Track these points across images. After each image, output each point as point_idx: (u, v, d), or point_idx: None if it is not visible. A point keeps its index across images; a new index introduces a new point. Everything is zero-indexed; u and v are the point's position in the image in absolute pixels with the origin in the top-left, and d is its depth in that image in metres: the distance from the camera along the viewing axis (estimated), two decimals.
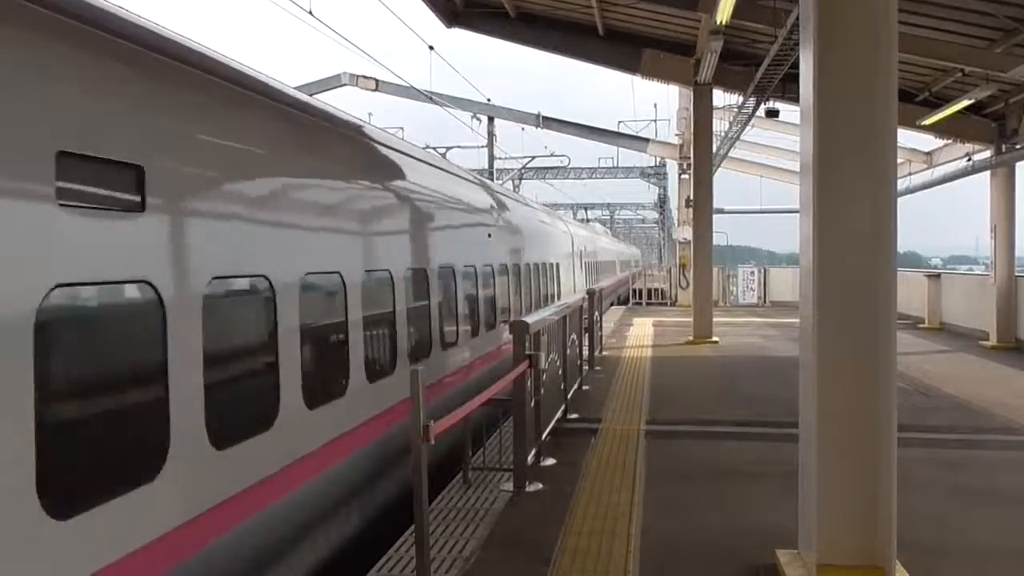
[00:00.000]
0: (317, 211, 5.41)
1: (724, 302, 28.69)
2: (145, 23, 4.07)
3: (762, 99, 17.15)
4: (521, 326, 6.96)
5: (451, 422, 4.91)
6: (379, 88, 29.78)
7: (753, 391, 11.23)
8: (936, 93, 15.68)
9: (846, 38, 4.66)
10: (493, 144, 31.65)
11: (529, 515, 6.00)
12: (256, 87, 5.00)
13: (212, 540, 3.93)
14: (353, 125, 6.71)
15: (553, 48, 18.58)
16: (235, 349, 4.50)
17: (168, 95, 3.90)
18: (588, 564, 5.04)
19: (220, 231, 4.16)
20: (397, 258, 6.90)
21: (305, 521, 4.91)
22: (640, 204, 64.65)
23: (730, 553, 5.23)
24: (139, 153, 3.50)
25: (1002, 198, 17.13)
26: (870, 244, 4.65)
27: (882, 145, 4.65)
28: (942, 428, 8.91)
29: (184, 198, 3.86)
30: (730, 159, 28.42)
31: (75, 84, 3.25)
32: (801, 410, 4.94)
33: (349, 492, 5.58)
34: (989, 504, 6.31)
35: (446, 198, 8.98)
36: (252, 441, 4.35)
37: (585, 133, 32.94)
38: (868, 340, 4.64)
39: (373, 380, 6.07)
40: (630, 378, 12.24)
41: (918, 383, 11.82)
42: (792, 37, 12.16)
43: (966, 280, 21.06)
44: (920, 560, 4.90)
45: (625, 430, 8.71)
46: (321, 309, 5.45)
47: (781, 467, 6.85)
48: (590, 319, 12.63)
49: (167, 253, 3.70)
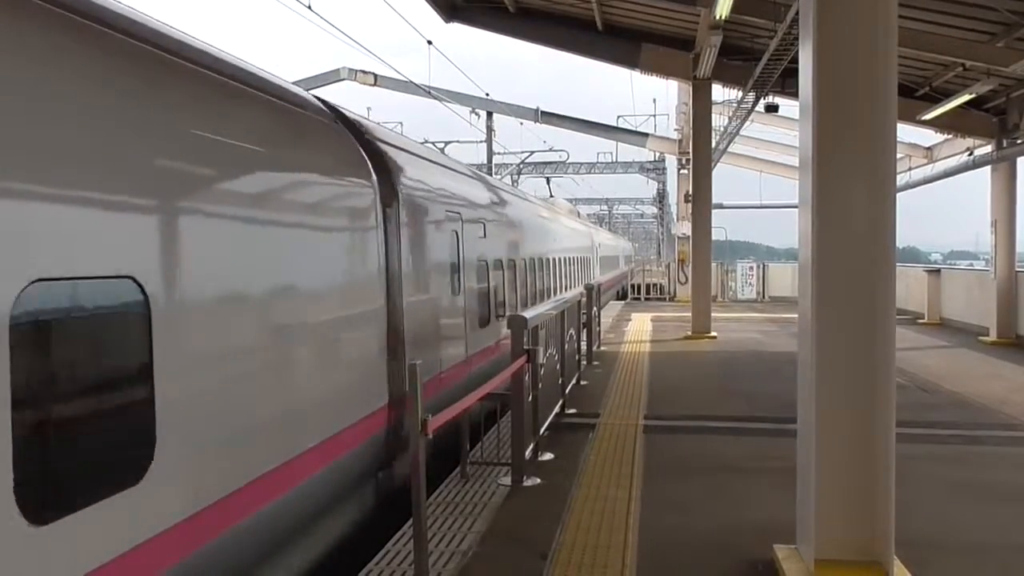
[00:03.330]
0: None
1: (723, 297, 28.71)
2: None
3: (761, 94, 17.13)
4: (519, 321, 6.95)
5: (449, 417, 4.91)
6: (378, 83, 29.76)
7: (751, 386, 11.22)
8: (937, 88, 15.65)
9: (846, 32, 4.64)
10: (492, 139, 31.62)
11: (527, 510, 6.00)
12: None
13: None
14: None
15: (552, 43, 18.56)
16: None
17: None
18: (586, 558, 5.04)
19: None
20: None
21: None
22: (639, 199, 64.66)
23: (728, 548, 5.23)
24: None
25: (1003, 193, 17.12)
26: (869, 239, 4.63)
27: (882, 140, 4.64)
28: (941, 424, 8.91)
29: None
30: (729, 154, 28.43)
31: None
32: (800, 405, 4.93)
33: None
34: (988, 500, 6.31)
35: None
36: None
37: (584, 128, 32.92)
38: (867, 336, 4.62)
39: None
40: (628, 373, 12.24)
41: (917, 379, 11.82)
42: (791, 32, 12.14)
43: (966, 276, 21.04)
44: (918, 556, 4.89)
45: (623, 425, 8.71)
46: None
47: (779, 462, 6.84)
48: (588, 314, 12.65)
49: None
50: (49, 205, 3.04)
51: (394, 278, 6.50)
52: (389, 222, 6.48)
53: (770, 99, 17.64)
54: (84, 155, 3.24)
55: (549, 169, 40.47)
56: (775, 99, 17.77)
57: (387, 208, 6.47)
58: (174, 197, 3.79)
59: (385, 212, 6.42)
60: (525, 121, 32.10)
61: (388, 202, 6.50)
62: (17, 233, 2.85)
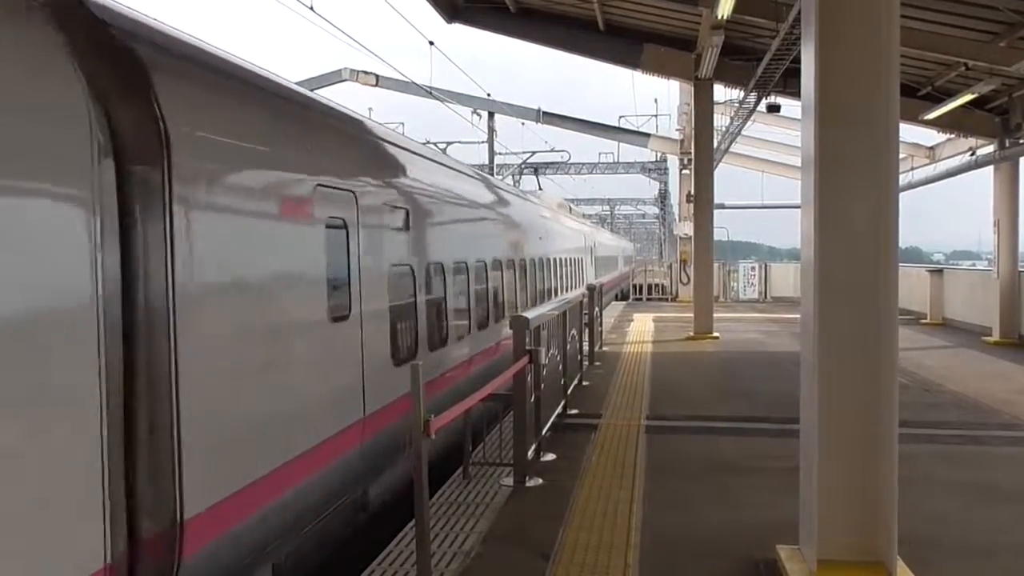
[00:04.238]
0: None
1: (725, 298, 28.70)
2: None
3: (763, 94, 17.12)
4: (521, 321, 6.95)
5: (451, 416, 4.91)
6: (379, 84, 29.78)
7: (754, 387, 11.21)
8: (939, 87, 15.62)
9: (848, 32, 4.63)
10: (493, 140, 31.62)
11: (529, 510, 6.00)
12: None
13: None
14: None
15: (554, 43, 18.57)
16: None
17: None
18: (588, 559, 5.03)
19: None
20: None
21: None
22: (641, 199, 64.64)
23: (730, 548, 5.22)
24: None
25: (1005, 193, 17.10)
26: (872, 239, 4.62)
27: (884, 140, 4.63)
28: (944, 424, 8.89)
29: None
30: (731, 154, 28.41)
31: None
32: (802, 406, 4.93)
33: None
34: (991, 500, 6.30)
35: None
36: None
37: (586, 128, 32.91)
38: (870, 336, 4.62)
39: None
40: (630, 374, 12.23)
41: (920, 379, 11.80)
42: (793, 31, 12.12)
43: (969, 275, 21.01)
44: (922, 556, 4.88)
45: (625, 425, 8.70)
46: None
47: (782, 462, 6.84)
48: (590, 314, 12.65)
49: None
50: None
51: (141, 304, 3.58)
52: (139, 196, 3.59)
53: (772, 99, 17.63)
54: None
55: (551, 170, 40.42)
56: (777, 99, 17.75)
57: (136, 168, 3.58)
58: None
59: (128, 176, 3.54)
60: (527, 122, 32.12)
61: (142, 156, 3.61)
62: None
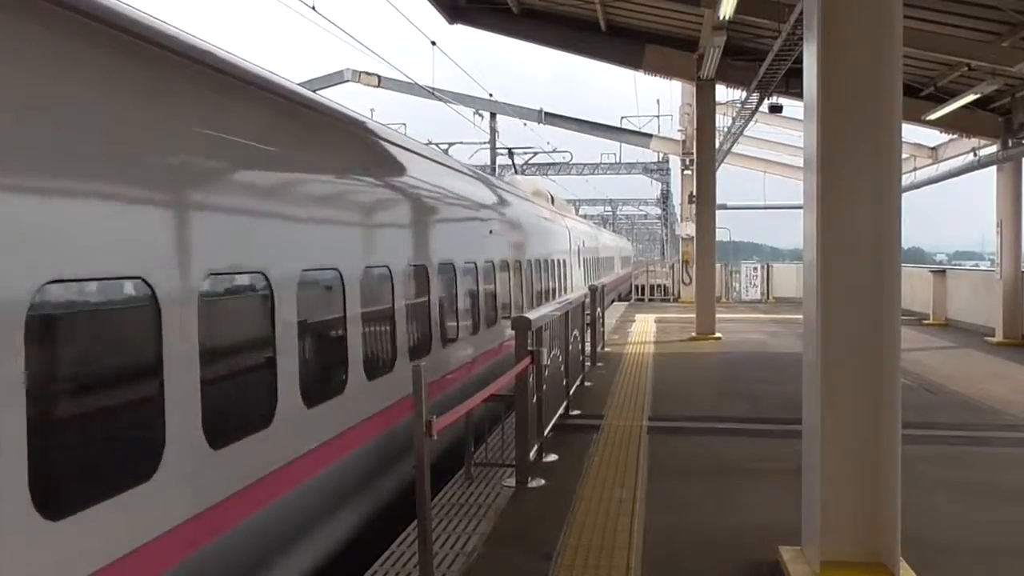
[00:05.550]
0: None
1: (727, 298, 28.69)
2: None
3: (765, 94, 17.11)
4: (523, 322, 6.94)
5: (453, 418, 4.91)
6: (381, 84, 29.81)
7: (756, 388, 11.20)
8: (942, 88, 15.60)
9: (850, 32, 4.63)
10: (495, 140, 31.62)
11: (531, 511, 5.99)
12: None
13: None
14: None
15: (555, 44, 18.57)
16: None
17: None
18: (590, 560, 5.03)
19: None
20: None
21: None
22: (643, 200, 64.62)
23: (733, 549, 5.21)
24: None
25: (1008, 193, 17.08)
26: (874, 240, 4.62)
27: (887, 140, 4.62)
28: (947, 425, 8.87)
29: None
30: (733, 155, 28.40)
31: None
32: (804, 406, 4.92)
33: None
34: (994, 501, 6.29)
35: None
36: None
37: (588, 129, 32.92)
38: (872, 336, 4.61)
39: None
40: (632, 374, 12.22)
41: (923, 380, 11.78)
42: (796, 32, 12.12)
43: (971, 276, 21.00)
44: (925, 557, 4.87)
45: (627, 426, 8.69)
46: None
47: (784, 463, 6.83)
48: (592, 315, 12.64)
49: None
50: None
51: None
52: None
53: (774, 99, 17.62)
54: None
55: (553, 170, 40.38)
56: (779, 99, 17.74)
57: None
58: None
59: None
60: (529, 122, 32.13)
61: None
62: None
